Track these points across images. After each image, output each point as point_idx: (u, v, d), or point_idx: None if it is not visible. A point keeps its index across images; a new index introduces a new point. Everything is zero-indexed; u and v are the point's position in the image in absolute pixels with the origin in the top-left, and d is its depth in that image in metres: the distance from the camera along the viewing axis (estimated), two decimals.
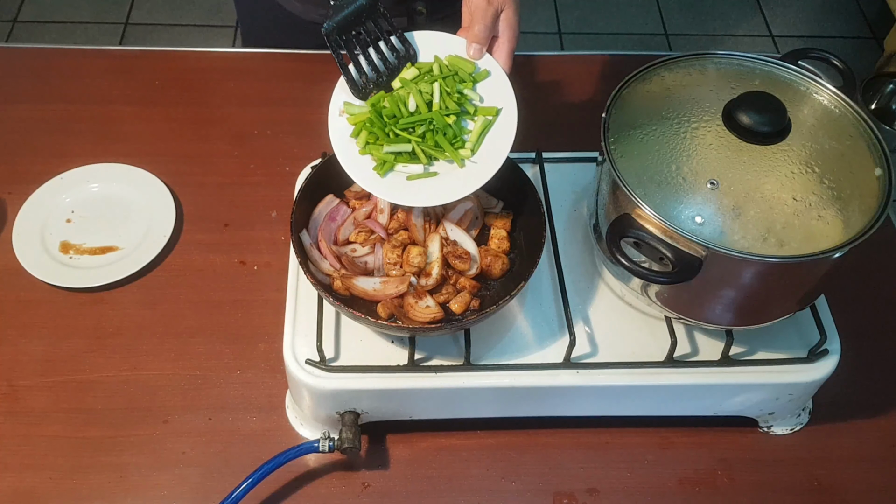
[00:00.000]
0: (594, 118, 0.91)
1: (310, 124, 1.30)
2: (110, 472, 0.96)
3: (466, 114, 0.92)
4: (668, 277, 0.80)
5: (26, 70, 1.37)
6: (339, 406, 0.94)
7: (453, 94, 0.92)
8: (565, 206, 1.09)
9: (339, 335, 0.96)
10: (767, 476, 0.99)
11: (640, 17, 3.14)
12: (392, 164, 0.90)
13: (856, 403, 1.05)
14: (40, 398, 1.01)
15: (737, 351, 0.95)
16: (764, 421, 1.02)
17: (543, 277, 1.01)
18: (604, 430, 1.01)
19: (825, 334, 0.94)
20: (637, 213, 0.82)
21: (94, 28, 2.92)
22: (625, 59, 1.47)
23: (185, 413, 1.01)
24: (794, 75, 0.94)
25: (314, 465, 0.98)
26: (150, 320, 1.08)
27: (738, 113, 0.86)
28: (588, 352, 0.95)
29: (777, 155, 0.85)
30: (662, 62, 0.95)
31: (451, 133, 0.91)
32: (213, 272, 1.14)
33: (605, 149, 0.88)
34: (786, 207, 0.82)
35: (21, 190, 1.20)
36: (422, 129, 0.90)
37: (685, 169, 0.85)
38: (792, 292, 0.88)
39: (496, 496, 0.97)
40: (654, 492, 0.97)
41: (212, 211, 1.20)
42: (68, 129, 1.29)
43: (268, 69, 1.36)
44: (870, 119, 0.89)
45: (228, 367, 1.05)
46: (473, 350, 0.92)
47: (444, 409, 0.98)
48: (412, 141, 0.90)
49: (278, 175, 1.23)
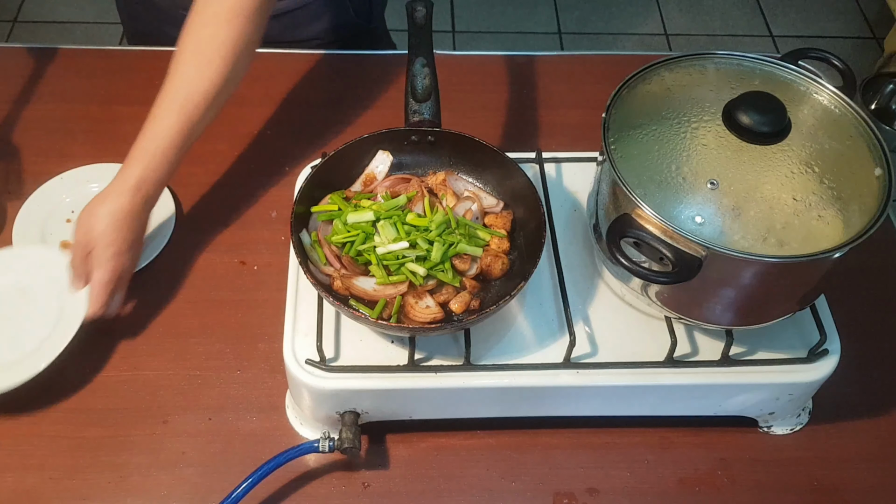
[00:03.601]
0: (594, 118, 0.91)
1: (310, 124, 1.31)
2: (110, 472, 0.96)
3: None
4: (668, 277, 0.80)
5: (26, 70, 1.37)
6: (339, 406, 0.94)
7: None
8: (565, 206, 1.09)
9: (339, 335, 0.96)
10: (767, 476, 0.99)
11: (640, 17, 3.14)
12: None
13: (856, 403, 1.05)
14: (40, 398, 1.01)
15: (737, 351, 0.95)
16: (764, 421, 1.02)
17: (543, 277, 1.01)
18: (604, 430, 1.01)
19: (825, 334, 0.94)
20: (637, 213, 0.82)
21: (94, 28, 2.92)
22: (625, 59, 1.48)
23: (185, 413, 1.01)
24: (794, 75, 0.94)
25: (314, 465, 0.98)
26: (150, 320, 1.08)
27: (738, 113, 0.86)
28: (588, 352, 0.95)
29: (777, 155, 0.85)
30: (662, 62, 0.95)
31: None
32: (213, 272, 1.14)
33: (605, 149, 0.88)
34: (786, 207, 0.82)
35: (21, 190, 1.20)
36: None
37: (685, 169, 0.85)
38: (792, 292, 0.88)
39: (496, 496, 0.97)
40: (654, 492, 0.97)
41: (212, 211, 1.20)
42: (68, 129, 1.29)
43: (268, 69, 1.36)
44: (870, 119, 0.89)
45: (228, 367, 1.05)
46: (473, 350, 0.92)
47: (444, 409, 0.98)
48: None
49: (278, 175, 1.23)
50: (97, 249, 1.01)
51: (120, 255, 1.02)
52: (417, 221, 0.95)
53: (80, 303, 1.02)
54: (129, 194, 1.01)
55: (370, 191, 1.01)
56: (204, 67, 1.04)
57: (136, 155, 1.03)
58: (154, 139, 1.02)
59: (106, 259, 1.01)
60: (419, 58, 1.03)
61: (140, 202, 1.02)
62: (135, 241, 1.04)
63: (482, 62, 1.43)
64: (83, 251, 1.02)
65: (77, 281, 1.03)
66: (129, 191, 1.01)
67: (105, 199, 1.02)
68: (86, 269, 1.03)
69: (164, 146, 1.02)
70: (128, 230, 1.02)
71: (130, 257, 1.04)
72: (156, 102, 1.04)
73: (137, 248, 1.06)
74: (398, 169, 1.04)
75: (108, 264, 1.01)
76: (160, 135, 1.02)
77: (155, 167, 1.02)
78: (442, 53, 1.13)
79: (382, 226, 0.94)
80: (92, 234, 1.01)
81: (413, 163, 1.04)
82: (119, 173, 1.03)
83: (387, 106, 1.15)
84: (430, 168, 1.05)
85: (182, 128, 1.02)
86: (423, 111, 1.01)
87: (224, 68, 1.04)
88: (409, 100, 1.02)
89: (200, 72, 1.04)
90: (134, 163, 1.02)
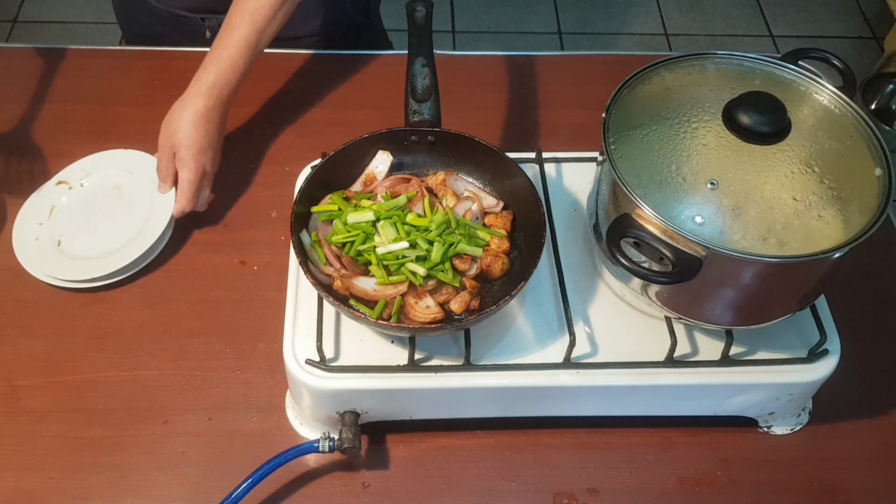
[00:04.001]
0: (594, 118, 0.91)
1: (310, 124, 1.31)
2: (110, 472, 0.96)
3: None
4: (668, 277, 0.80)
5: (26, 70, 1.37)
6: (339, 406, 0.94)
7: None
8: (565, 206, 1.09)
9: (339, 335, 0.96)
10: (767, 476, 0.99)
11: (640, 17, 3.15)
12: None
13: (856, 403, 1.05)
14: (40, 398, 1.01)
15: (737, 351, 0.95)
16: (764, 421, 1.02)
17: (543, 277, 1.01)
18: (604, 430, 1.01)
19: (825, 334, 0.94)
20: (637, 213, 0.82)
21: (94, 28, 2.92)
22: (625, 59, 1.48)
23: (185, 413, 1.01)
24: (794, 75, 0.94)
25: (314, 465, 0.98)
26: (149, 320, 1.08)
27: (738, 113, 0.86)
28: (588, 352, 0.95)
29: (777, 155, 0.85)
30: (662, 62, 0.95)
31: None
32: (213, 272, 1.14)
33: (605, 149, 0.88)
34: (786, 207, 0.82)
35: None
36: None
37: (685, 169, 0.85)
38: (792, 292, 0.88)
39: (496, 496, 0.97)
40: (654, 492, 0.97)
41: (212, 211, 1.20)
42: (68, 129, 1.29)
43: (267, 69, 1.36)
44: (870, 119, 0.89)
45: (228, 367, 1.05)
46: (473, 350, 0.92)
47: (444, 409, 0.98)
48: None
49: (278, 175, 1.23)
50: (181, 150, 1.11)
51: (202, 153, 1.12)
52: (417, 221, 0.95)
53: (169, 200, 1.14)
54: (205, 97, 1.11)
55: (370, 191, 1.01)
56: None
57: (210, 60, 1.13)
58: (227, 47, 1.13)
59: (190, 157, 1.11)
60: (419, 58, 1.03)
61: (216, 102, 1.12)
62: (214, 140, 1.14)
63: (482, 62, 1.43)
64: (168, 153, 1.12)
65: (164, 182, 1.14)
66: (205, 93, 1.11)
67: (183, 103, 1.12)
68: (171, 169, 1.13)
69: (234, 53, 1.12)
70: (207, 129, 1.12)
71: (212, 155, 1.14)
72: (229, 11, 1.15)
73: (217, 147, 1.15)
74: (398, 169, 1.04)
75: (192, 163, 1.11)
76: (232, 42, 1.13)
77: (227, 71, 1.12)
78: (442, 53, 1.13)
79: (382, 226, 0.94)
80: (175, 136, 1.11)
81: (413, 163, 1.04)
82: (195, 78, 1.13)
83: (387, 106, 1.14)
84: (430, 168, 1.05)
85: (251, 34, 1.13)
86: (423, 111, 1.01)
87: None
88: (409, 100, 1.02)
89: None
90: (209, 67, 1.12)
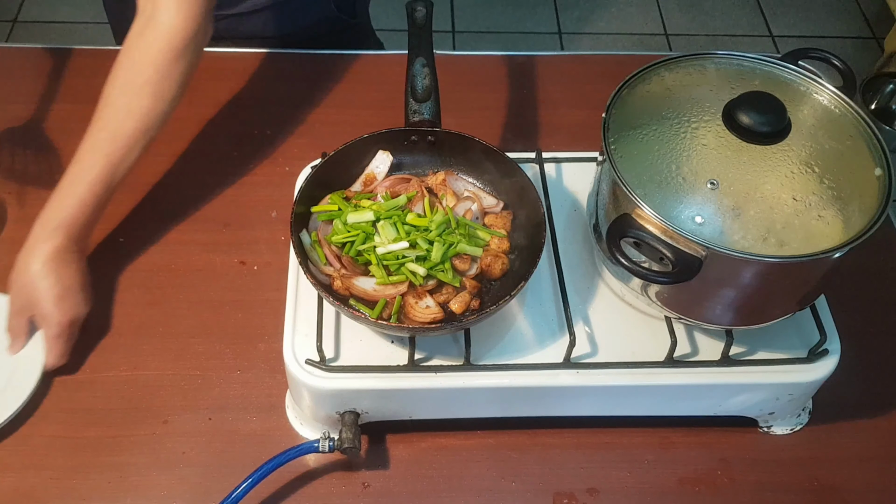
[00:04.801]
0: (594, 118, 0.91)
1: (310, 124, 1.31)
2: (110, 472, 0.96)
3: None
4: (668, 277, 0.80)
5: (26, 70, 1.37)
6: (339, 406, 0.94)
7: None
8: (565, 206, 1.09)
9: (339, 335, 0.96)
10: (767, 476, 0.99)
11: (640, 17, 3.15)
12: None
13: (856, 403, 1.05)
14: (40, 398, 1.01)
15: (737, 351, 0.95)
16: (764, 421, 1.02)
17: (543, 277, 1.01)
18: (604, 430, 1.01)
19: (825, 334, 0.94)
20: (637, 213, 0.82)
21: (94, 28, 2.92)
22: (625, 59, 1.47)
23: (185, 413, 1.01)
24: (794, 75, 0.94)
25: (314, 465, 0.98)
26: (150, 320, 1.08)
27: (738, 113, 0.86)
28: (588, 352, 0.95)
29: (777, 155, 0.85)
30: (662, 62, 0.95)
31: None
32: (213, 272, 1.14)
33: (605, 149, 0.88)
34: (786, 207, 0.82)
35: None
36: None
37: (685, 169, 0.85)
38: (792, 292, 0.88)
39: (496, 496, 0.97)
40: (654, 492, 0.97)
41: (212, 211, 1.20)
42: (68, 129, 1.29)
43: (268, 69, 1.36)
44: (870, 119, 0.89)
45: (228, 367, 1.05)
46: (473, 350, 0.92)
47: (444, 409, 0.98)
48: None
49: (278, 175, 1.23)
50: (39, 305, 0.99)
51: (62, 300, 0.99)
52: (417, 221, 0.95)
53: (37, 353, 1.00)
54: (53, 238, 0.99)
55: (370, 191, 1.01)
56: (133, 105, 1.02)
57: (57, 198, 1.01)
58: (77, 183, 1.00)
59: (51, 309, 0.98)
60: (419, 58, 1.03)
61: (66, 242, 0.99)
62: (75, 282, 1.01)
63: (482, 62, 1.43)
64: (19, 310, 1.00)
65: (16, 341, 1.01)
66: (51, 235, 0.99)
67: (29, 251, 0.99)
68: (24, 328, 1.01)
69: (85, 192, 1.00)
70: (60, 273, 0.99)
71: (75, 302, 1.01)
72: (83, 140, 1.02)
73: (79, 289, 1.02)
74: (398, 169, 1.04)
75: (56, 314, 0.99)
76: (83, 179, 1.00)
77: (76, 213, 1.00)
78: (442, 53, 1.13)
79: (382, 226, 0.94)
80: (26, 291, 0.99)
81: (413, 163, 1.04)
82: (39, 219, 1.00)
83: (387, 106, 1.14)
84: (430, 168, 1.05)
85: (104, 170, 1.00)
86: (423, 111, 1.01)
87: (151, 107, 1.02)
88: (409, 100, 1.02)
89: (129, 109, 1.02)
90: (56, 207, 1.00)
